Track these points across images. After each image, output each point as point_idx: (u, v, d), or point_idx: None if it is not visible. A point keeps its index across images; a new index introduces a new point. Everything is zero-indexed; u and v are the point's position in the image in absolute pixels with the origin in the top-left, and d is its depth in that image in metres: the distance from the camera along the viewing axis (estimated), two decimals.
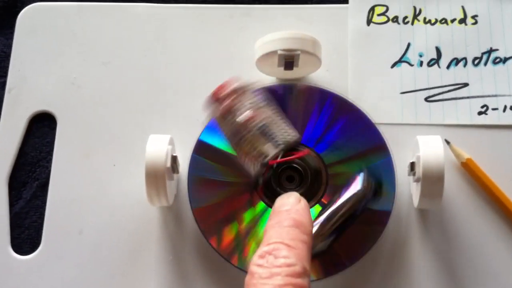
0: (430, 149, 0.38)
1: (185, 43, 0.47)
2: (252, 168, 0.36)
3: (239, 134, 0.36)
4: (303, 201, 0.34)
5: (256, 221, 0.40)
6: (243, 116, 0.35)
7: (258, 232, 0.39)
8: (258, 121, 0.35)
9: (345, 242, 0.38)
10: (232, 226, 0.40)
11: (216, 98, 0.36)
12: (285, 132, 0.36)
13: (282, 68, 0.41)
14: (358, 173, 0.38)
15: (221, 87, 0.36)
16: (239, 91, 0.36)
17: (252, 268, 0.30)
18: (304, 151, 0.37)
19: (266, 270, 0.30)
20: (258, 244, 0.39)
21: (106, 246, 0.42)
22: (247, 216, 0.40)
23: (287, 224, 0.32)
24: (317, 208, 0.39)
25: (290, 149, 0.36)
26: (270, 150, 0.35)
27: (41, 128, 0.45)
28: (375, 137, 0.41)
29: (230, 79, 0.36)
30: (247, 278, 0.30)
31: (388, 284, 0.40)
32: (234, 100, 0.36)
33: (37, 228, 0.43)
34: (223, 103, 0.36)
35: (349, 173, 0.40)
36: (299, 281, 0.29)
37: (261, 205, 0.40)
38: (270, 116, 0.36)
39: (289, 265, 0.30)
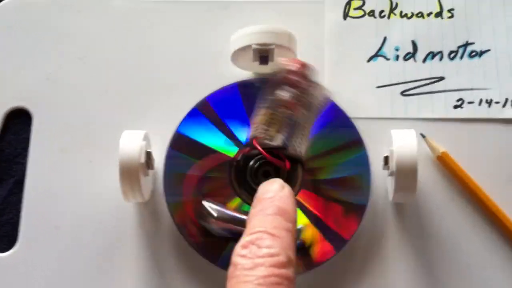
0: (404, 143, 0.38)
1: (161, 37, 0.46)
2: (248, 135, 0.36)
3: (274, 105, 0.35)
4: (287, 188, 0.33)
5: None
6: (292, 98, 0.35)
7: None
8: (297, 113, 0.35)
9: (321, 237, 0.39)
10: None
11: (297, 69, 0.35)
12: (299, 145, 0.36)
13: (257, 63, 0.41)
14: None
15: (306, 67, 0.36)
16: (314, 85, 0.36)
17: (235, 259, 0.29)
18: (283, 165, 0.37)
19: (249, 260, 0.28)
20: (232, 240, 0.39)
21: (84, 241, 0.41)
22: None
23: (270, 212, 0.31)
24: None
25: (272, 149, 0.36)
26: (276, 141, 0.35)
27: (17, 125, 0.45)
28: (351, 131, 0.41)
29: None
30: (230, 269, 0.29)
31: (365, 278, 0.40)
32: (308, 84, 0.35)
33: (14, 225, 0.42)
34: (297, 76, 0.35)
35: (324, 168, 0.40)
36: (283, 271, 0.28)
37: (237, 200, 0.40)
38: (305, 122, 0.36)
39: (272, 255, 0.29)
